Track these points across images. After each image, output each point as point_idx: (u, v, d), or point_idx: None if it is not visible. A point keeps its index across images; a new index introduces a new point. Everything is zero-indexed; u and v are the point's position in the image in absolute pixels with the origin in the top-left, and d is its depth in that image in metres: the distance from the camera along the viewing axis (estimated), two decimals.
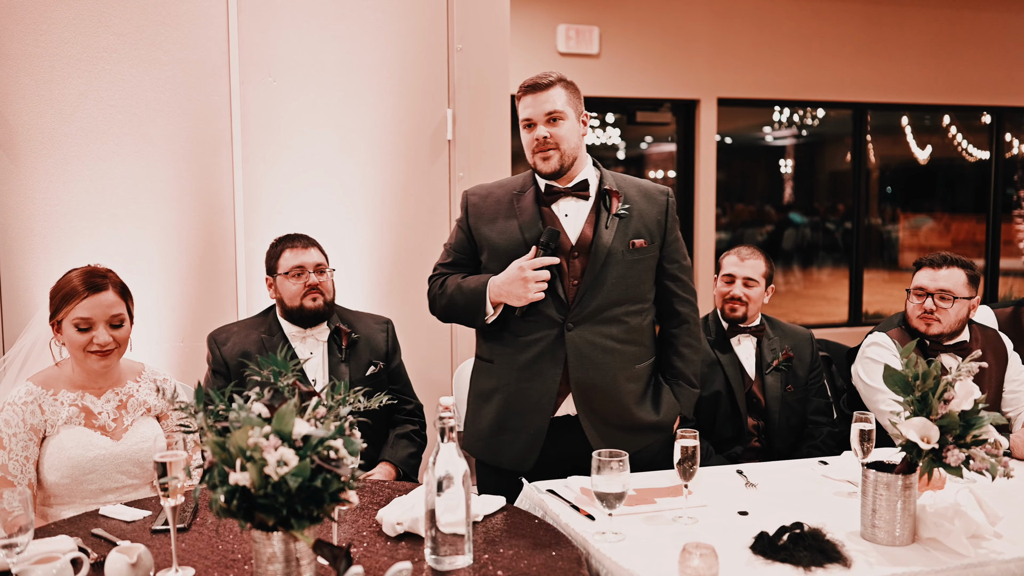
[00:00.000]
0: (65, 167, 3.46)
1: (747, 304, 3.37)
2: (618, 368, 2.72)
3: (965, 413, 2.03)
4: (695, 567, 1.77)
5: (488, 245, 2.77)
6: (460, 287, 2.77)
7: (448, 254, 2.89)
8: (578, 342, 2.68)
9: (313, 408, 1.73)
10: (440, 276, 2.87)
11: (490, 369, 2.81)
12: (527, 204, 2.75)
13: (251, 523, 1.63)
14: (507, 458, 2.77)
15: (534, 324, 2.70)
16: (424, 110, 3.94)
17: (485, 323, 2.75)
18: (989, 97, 8.27)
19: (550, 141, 2.67)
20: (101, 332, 2.56)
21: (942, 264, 3.21)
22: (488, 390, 2.80)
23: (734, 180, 8.41)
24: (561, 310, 2.69)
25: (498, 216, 2.77)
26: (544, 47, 7.10)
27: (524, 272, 2.62)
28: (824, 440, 3.36)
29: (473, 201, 2.84)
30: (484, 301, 2.70)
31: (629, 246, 2.71)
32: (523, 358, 2.72)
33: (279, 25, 3.70)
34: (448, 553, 1.91)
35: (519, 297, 2.64)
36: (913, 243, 8.87)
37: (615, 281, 2.70)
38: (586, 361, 2.69)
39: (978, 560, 2.00)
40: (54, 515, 2.54)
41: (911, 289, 3.25)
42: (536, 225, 2.70)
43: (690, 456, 2.22)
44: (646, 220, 2.76)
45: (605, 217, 2.71)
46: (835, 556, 1.97)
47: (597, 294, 2.69)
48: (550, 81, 2.69)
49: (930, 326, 3.18)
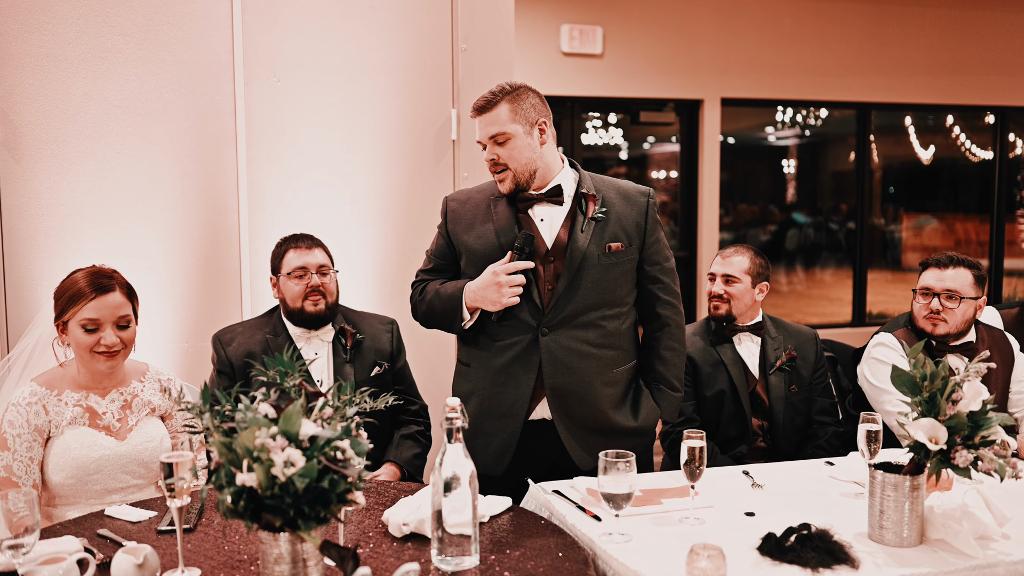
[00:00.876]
0: (69, 167, 3.46)
1: (729, 302, 3.36)
2: (594, 372, 2.71)
3: (973, 414, 2.02)
4: (702, 568, 1.76)
5: (466, 250, 2.77)
6: (438, 293, 2.79)
7: (429, 260, 2.91)
8: (552, 347, 2.67)
9: (320, 409, 1.73)
10: (421, 282, 2.90)
11: (467, 373, 2.82)
12: (503, 209, 2.73)
13: (258, 524, 1.62)
14: (481, 462, 2.70)
15: (509, 328, 2.70)
16: (429, 110, 3.93)
17: (463, 328, 2.75)
18: (993, 97, 8.25)
19: (499, 163, 2.66)
20: (108, 333, 2.56)
21: (948, 264, 3.20)
22: (465, 393, 2.80)
23: (737, 180, 8.41)
24: (536, 315, 2.68)
25: (475, 221, 2.77)
26: (548, 47, 7.09)
27: (498, 277, 2.62)
28: (829, 440, 3.35)
29: (452, 207, 2.84)
30: (461, 307, 2.72)
31: (605, 249, 2.69)
32: (498, 362, 2.72)
33: (283, 25, 3.70)
34: (455, 554, 1.91)
35: (493, 302, 2.64)
36: (916, 243, 8.86)
37: (591, 285, 2.68)
38: (560, 366, 2.68)
39: (986, 561, 1.99)
40: (59, 516, 2.53)
41: (917, 289, 3.25)
42: (512, 230, 2.69)
43: (697, 457, 2.22)
44: (624, 223, 2.73)
45: (581, 221, 2.69)
46: (843, 557, 1.96)
47: (572, 298, 2.67)
48: (492, 101, 2.65)
49: (936, 326, 3.17)
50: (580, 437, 2.72)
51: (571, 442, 2.71)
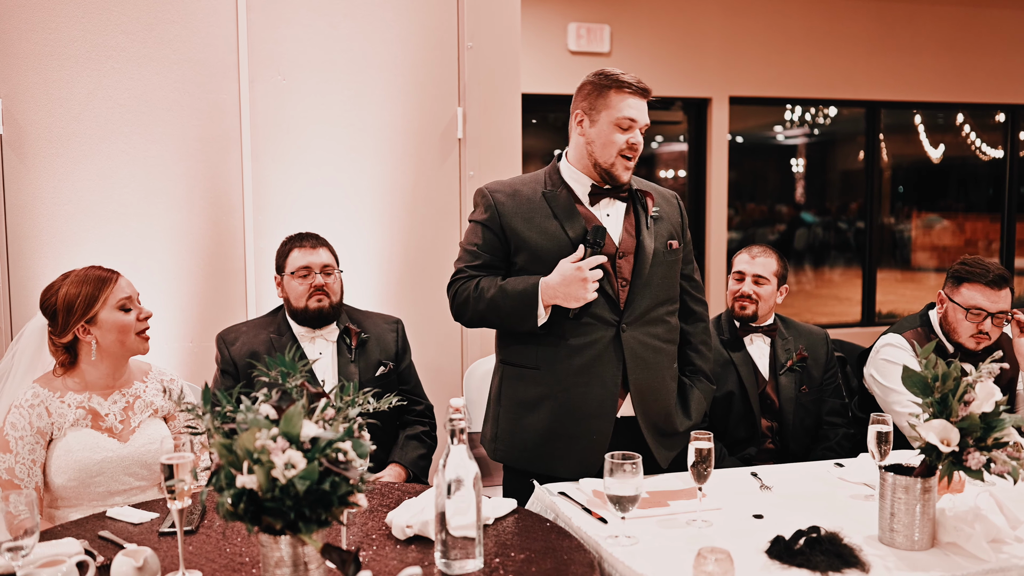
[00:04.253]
0: (73, 166, 3.45)
1: (757, 302, 3.34)
2: (665, 367, 2.72)
3: (986, 415, 1.99)
4: (710, 572, 1.74)
5: (527, 246, 2.64)
6: (504, 290, 2.60)
7: (475, 256, 2.69)
8: (633, 343, 2.65)
9: (321, 410, 1.71)
10: (469, 279, 2.68)
11: (535, 376, 2.67)
12: (564, 203, 2.66)
13: (258, 527, 1.60)
14: (565, 466, 2.65)
15: (588, 326, 2.62)
16: (434, 108, 3.91)
17: (536, 326, 2.60)
18: (1003, 95, 8.20)
19: (638, 150, 2.64)
20: (139, 310, 2.63)
21: (1001, 285, 3.12)
22: (534, 398, 2.67)
23: (746, 179, 8.37)
24: (615, 311, 2.64)
25: (534, 215, 2.66)
26: (555, 45, 7.07)
27: (583, 272, 2.52)
28: (839, 442, 3.32)
29: (500, 199, 2.69)
30: (536, 303, 2.56)
31: (666, 247, 2.72)
32: (578, 362, 2.63)
33: (288, 23, 3.69)
34: (459, 557, 1.88)
35: (577, 298, 2.54)
36: (926, 242, 8.81)
37: (660, 282, 2.69)
38: (641, 362, 2.66)
39: (999, 565, 1.96)
40: (61, 517, 2.52)
41: (964, 306, 3.13)
42: (580, 225, 2.62)
43: (704, 458, 2.19)
44: (672, 222, 2.78)
45: (644, 218, 2.69)
46: (853, 561, 1.93)
47: (646, 295, 2.67)
48: (649, 93, 2.67)
49: (980, 344, 3.14)
50: (653, 435, 2.70)
51: (651, 438, 2.69)
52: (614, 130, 2.61)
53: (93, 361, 2.59)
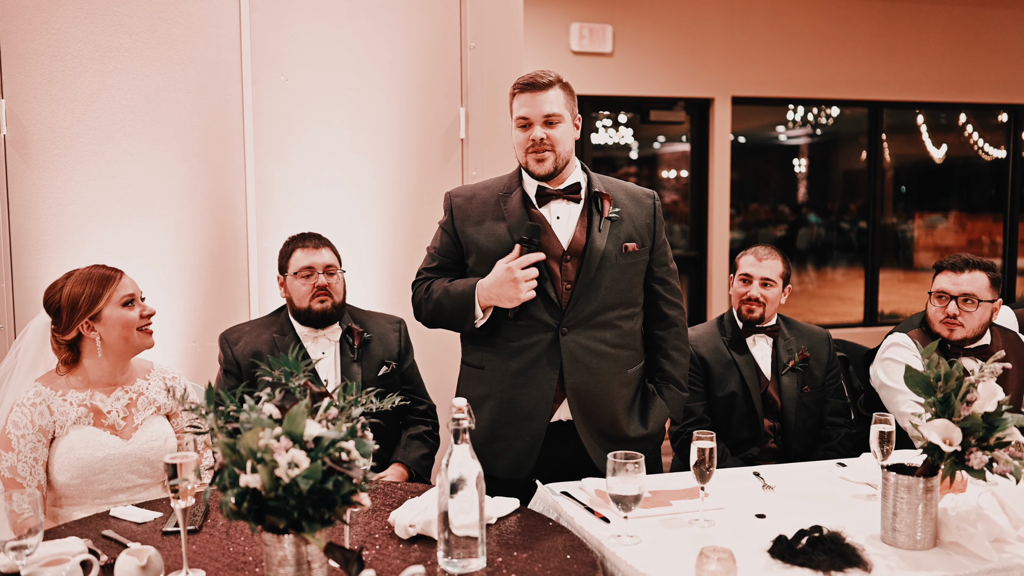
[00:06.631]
0: (77, 166, 3.45)
1: (764, 305, 3.33)
2: (611, 373, 2.69)
3: (988, 415, 1.99)
4: (712, 571, 1.74)
5: (476, 248, 2.72)
6: (447, 291, 2.70)
7: (432, 258, 2.82)
8: (573, 347, 2.65)
9: (324, 409, 1.71)
10: (424, 280, 2.81)
11: (479, 376, 2.75)
12: (514, 206, 2.70)
13: (262, 526, 1.61)
14: (502, 466, 2.71)
15: (527, 329, 2.66)
16: (437, 108, 3.91)
17: (475, 327, 2.69)
18: (1006, 95, 8.18)
19: (546, 143, 2.62)
20: (142, 307, 2.66)
21: (964, 268, 3.14)
22: (478, 397, 2.74)
23: (748, 179, 8.36)
24: (555, 314, 2.65)
25: (484, 218, 2.72)
26: (557, 45, 7.07)
27: (513, 272, 2.56)
28: (841, 442, 3.32)
29: (457, 203, 2.78)
30: (473, 304, 2.64)
31: (622, 250, 2.68)
32: (516, 364, 2.67)
33: (291, 23, 3.69)
34: (461, 556, 1.89)
35: (511, 298, 2.59)
36: (928, 242, 8.80)
37: (609, 285, 2.67)
38: (581, 366, 2.65)
39: (1001, 565, 1.96)
40: (65, 516, 2.52)
41: (932, 292, 3.20)
42: (525, 226, 2.65)
43: (707, 458, 2.19)
44: (636, 224, 2.74)
45: (597, 220, 2.67)
46: (855, 560, 1.93)
47: (592, 298, 2.65)
48: (549, 81, 2.63)
49: (953, 331, 3.13)
50: (596, 440, 2.69)
51: (590, 443, 2.69)
52: (517, 131, 2.68)
53: (97, 358, 2.60)
